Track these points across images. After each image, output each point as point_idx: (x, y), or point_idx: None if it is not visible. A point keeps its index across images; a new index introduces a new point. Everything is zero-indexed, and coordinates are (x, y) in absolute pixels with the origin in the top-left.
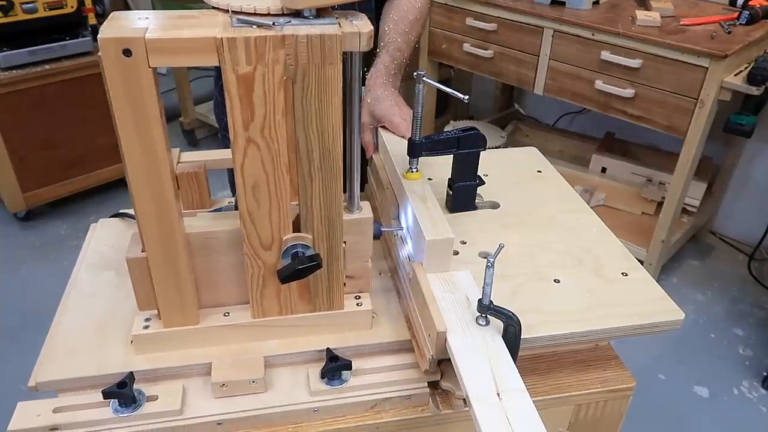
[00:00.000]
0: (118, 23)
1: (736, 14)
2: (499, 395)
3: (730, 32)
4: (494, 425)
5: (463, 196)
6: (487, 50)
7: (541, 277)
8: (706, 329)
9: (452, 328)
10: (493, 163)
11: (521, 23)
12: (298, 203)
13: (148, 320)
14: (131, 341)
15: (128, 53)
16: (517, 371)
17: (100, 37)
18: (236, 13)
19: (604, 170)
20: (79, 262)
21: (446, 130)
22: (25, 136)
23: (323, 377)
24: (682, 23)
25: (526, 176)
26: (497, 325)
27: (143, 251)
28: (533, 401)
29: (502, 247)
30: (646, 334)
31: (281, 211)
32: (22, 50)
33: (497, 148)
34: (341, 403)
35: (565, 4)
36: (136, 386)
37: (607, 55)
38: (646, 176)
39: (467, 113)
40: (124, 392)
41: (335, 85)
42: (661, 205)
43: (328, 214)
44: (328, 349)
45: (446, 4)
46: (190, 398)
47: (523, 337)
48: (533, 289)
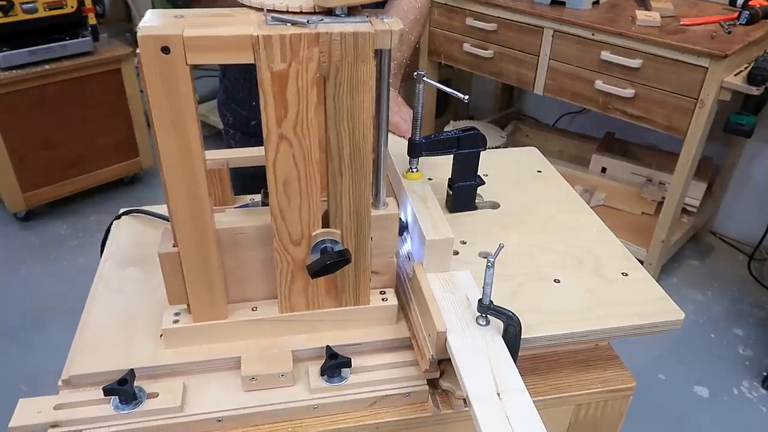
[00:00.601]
0: (154, 20)
1: (736, 14)
2: (499, 395)
3: (730, 32)
4: (494, 425)
5: (463, 196)
6: (487, 50)
7: (541, 277)
8: (706, 329)
9: (452, 328)
10: (493, 163)
11: (521, 23)
12: (326, 199)
13: (177, 315)
14: (161, 335)
15: (167, 51)
16: (517, 371)
17: (139, 35)
18: (271, 11)
19: (604, 170)
20: (103, 258)
21: (446, 130)
22: (25, 136)
23: (323, 374)
24: (682, 23)
25: (526, 176)
26: (497, 325)
27: (175, 246)
28: (533, 401)
29: (502, 247)
30: (646, 334)
31: (311, 207)
32: (22, 50)
33: (497, 148)
34: (341, 400)
35: (565, 4)
36: (137, 383)
37: (607, 55)
38: (646, 176)
39: (467, 113)
40: (124, 389)
41: (367, 82)
42: (661, 205)
43: (356, 209)
44: (327, 346)
45: (446, 4)
46: (196, 395)
47: (523, 337)
48: (533, 289)
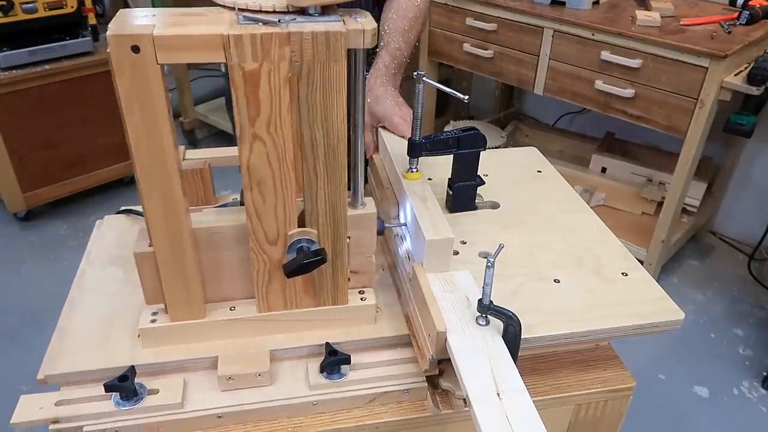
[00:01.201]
0: (125, 20)
1: (736, 14)
2: (499, 395)
3: (730, 32)
4: (494, 425)
5: (463, 196)
6: (487, 50)
7: (541, 277)
8: (706, 329)
9: (452, 328)
10: (493, 163)
11: (521, 23)
12: (302, 199)
13: (155, 314)
14: (138, 335)
15: (137, 50)
16: (517, 371)
17: (108, 34)
18: (242, 10)
19: (604, 170)
20: (85, 257)
21: (446, 130)
22: (25, 136)
23: (322, 371)
24: (682, 23)
25: (526, 176)
26: (497, 325)
27: (150, 246)
28: (533, 401)
29: (502, 247)
30: (646, 334)
31: (287, 206)
32: (22, 50)
33: (497, 148)
34: (340, 396)
35: (565, 4)
36: (138, 380)
37: (607, 55)
38: (646, 176)
39: (467, 113)
40: (125, 385)
41: (340, 81)
42: (661, 205)
43: (332, 209)
44: (327, 343)
45: (446, 4)
46: (194, 392)
47: (523, 337)
48: (533, 289)
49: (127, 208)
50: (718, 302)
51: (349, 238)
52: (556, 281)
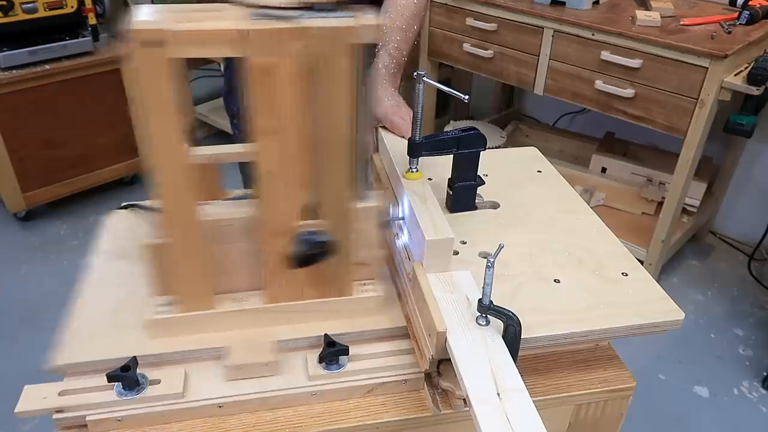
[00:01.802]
0: (142, 15)
1: (736, 14)
2: (499, 395)
3: (730, 32)
4: (494, 425)
5: (463, 196)
6: (487, 50)
7: (541, 277)
8: (706, 329)
9: (452, 328)
10: (493, 163)
11: (521, 23)
12: (309, 191)
13: (162, 306)
14: (144, 326)
15: (154, 44)
16: (517, 371)
17: (126, 28)
18: (254, 6)
19: (604, 170)
20: (92, 251)
21: (446, 130)
22: (25, 136)
23: (321, 362)
24: (682, 23)
25: (526, 176)
26: (497, 325)
27: (160, 237)
28: (533, 401)
29: (502, 247)
30: (646, 334)
31: (294, 198)
32: (22, 50)
33: (497, 148)
34: (338, 387)
35: (565, 4)
36: (141, 370)
37: (607, 55)
38: (646, 176)
39: (467, 113)
40: (128, 375)
41: (348, 76)
42: (661, 205)
43: (338, 201)
44: (325, 335)
45: (446, 4)
46: (195, 382)
47: (523, 337)
48: (533, 289)
49: (131, 203)
50: (718, 302)
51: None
52: (556, 281)
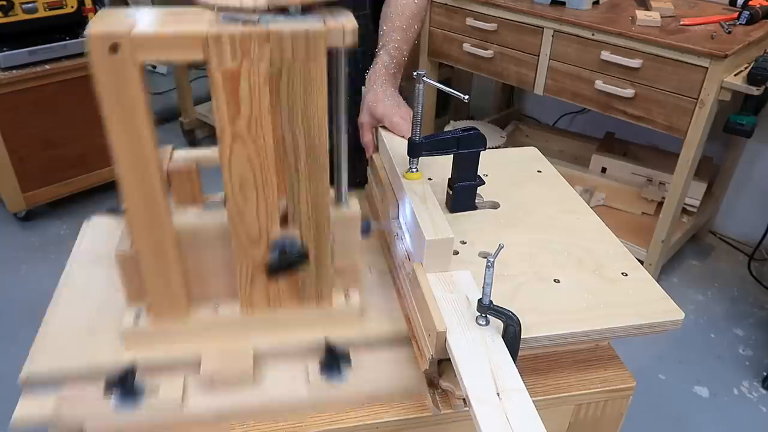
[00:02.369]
0: (105, 19)
1: (736, 14)
2: (499, 395)
3: (730, 32)
4: (494, 425)
5: (463, 196)
6: (487, 50)
7: (541, 277)
8: (706, 329)
9: (452, 328)
10: (493, 163)
11: (521, 23)
12: (285, 198)
13: (138, 315)
14: (122, 336)
15: (115, 49)
16: (517, 371)
17: (87, 32)
18: (222, 9)
19: (604, 170)
20: (71, 258)
21: (446, 130)
22: (25, 136)
23: (321, 371)
24: (682, 23)
25: (526, 176)
26: (497, 325)
27: (132, 247)
28: (533, 401)
29: (501, 247)
30: (646, 334)
31: (268, 206)
32: (22, 50)
33: (497, 148)
34: (338, 396)
35: (565, 4)
36: (138, 379)
37: (607, 55)
38: (646, 176)
39: (467, 113)
40: (125, 386)
41: (320, 81)
42: (661, 205)
43: (315, 209)
44: (326, 343)
45: (446, 4)
46: (194, 392)
47: (523, 337)
48: (533, 289)
49: (114, 207)
50: (718, 302)
51: (332, 238)
52: (556, 281)
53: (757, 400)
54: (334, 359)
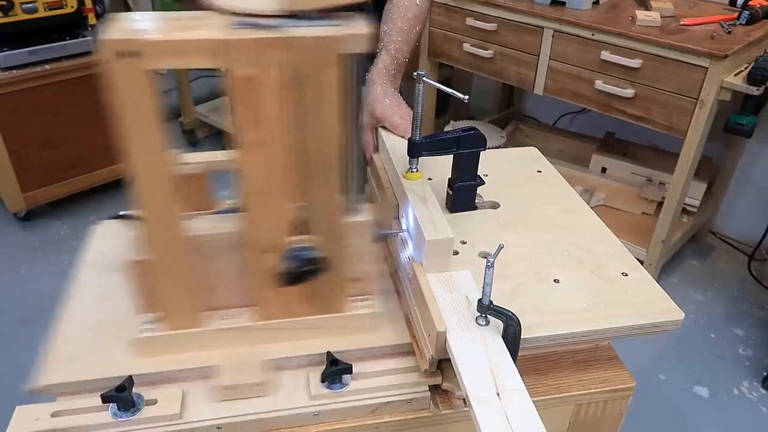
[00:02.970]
0: (117, 25)
1: (736, 14)
2: (499, 395)
3: (730, 32)
4: (494, 425)
5: (463, 196)
6: (487, 50)
7: (541, 277)
8: (706, 329)
9: (452, 328)
10: (493, 163)
11: (521, 23)
12: (299, 206)
13: (149, 324)
14: (130, 345)
15: (129, 55)
16: (517, 371)
17: (100, 38)
18: (236, 14)
19: (604, 170)
20: (79, 264)
21: (446, 130)
22: (25, 136)
23: (324, 381)
24: (682, 23)
25: (526, 176)
26: (497, 325)
27: (143, 254)
28: (533, 401)
29: (501, 247)
30: (646, 334)
31: (282, 213)
32: (22, 50)
33: (497, 148)
34: (342, 407)
35: (565, 4)
36: (135, 390)
37: (607, 55)
38: (646, 176)
39: (467, 113)
40: (123, 396)
41: (334, 86)
42: (661, 205)
43: (329, 216)
44: (328, 352)
45: (446, 4)
46: (190, 402)
47: (523, 337)
48: (533, 289)
49: (123, 213)
50: (718, 302)
51: (347, 245)
52: (556, 281)
53: (757, 400)
54: (336, 371)
